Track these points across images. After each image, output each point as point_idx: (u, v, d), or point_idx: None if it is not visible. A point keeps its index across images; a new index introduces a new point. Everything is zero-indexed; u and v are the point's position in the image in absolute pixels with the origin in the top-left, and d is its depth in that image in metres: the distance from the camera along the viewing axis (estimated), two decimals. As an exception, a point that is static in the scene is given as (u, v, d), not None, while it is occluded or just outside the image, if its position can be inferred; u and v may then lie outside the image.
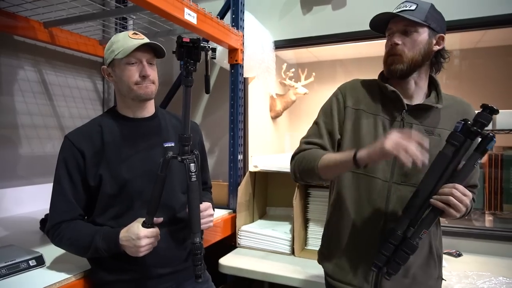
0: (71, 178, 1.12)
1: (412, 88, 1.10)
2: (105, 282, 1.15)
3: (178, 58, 0.94)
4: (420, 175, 1.01)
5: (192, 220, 1.02)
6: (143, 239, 1.03)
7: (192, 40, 0.92)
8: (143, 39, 1.15)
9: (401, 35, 1.05)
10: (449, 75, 2.77)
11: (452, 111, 1.10)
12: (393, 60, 1.06)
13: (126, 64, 1.13)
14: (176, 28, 2.17)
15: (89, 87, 2.56)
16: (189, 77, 0.96)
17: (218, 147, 2.52)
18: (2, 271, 1.11)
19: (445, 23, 1.10)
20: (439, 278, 1.14)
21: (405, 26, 1.04)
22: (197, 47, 0.93)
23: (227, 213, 2.08)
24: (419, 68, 1.07)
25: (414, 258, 1.04)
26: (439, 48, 1.08)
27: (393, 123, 1.09)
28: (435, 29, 1.05)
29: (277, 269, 1.72)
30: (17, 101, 2.08)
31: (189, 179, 1.01)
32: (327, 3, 2.19)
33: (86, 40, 2.32)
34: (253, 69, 2.23)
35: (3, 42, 2.00)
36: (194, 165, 1.01)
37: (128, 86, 1.15)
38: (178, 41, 0.93)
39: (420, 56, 1.05)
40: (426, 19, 1.03)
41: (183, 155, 1.02)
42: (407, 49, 1.04)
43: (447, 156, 0.94)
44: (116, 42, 1.14)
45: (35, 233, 1.64)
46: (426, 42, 1.05)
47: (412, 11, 1.03)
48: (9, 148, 2.04)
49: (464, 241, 1.88)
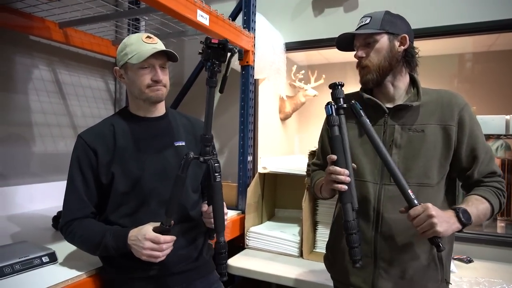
0: (84, 176, 1.14)
1: (392, 91, 1.16)
2: (116, 280, 1.16)
3: (204, 59, 0.94)
4: (414, 171, 1.09)
5: (217, 221, 1.03)
6: (147, 242, 1.02)
7: (220, 42, 0.93)
8: (157, 43, 1.16)
9: (364, 47, 1.14)
10: (461, 78, 2.74)
11: (435, 104, 1.13)
12: (363, 73, 1.15)
13: (139, 68, 1.15)
14: (188, 29, 2.19)
15: (101, 86, 2.60)
16: (213, 78, 0.97)
17: (227, 148, 2.53)
18: (16, 266, 1.13)
19: (407, 23, 1.16)
20: (442, 281, 1.12)
21: (364, 39, 1.14)
22: (224, 49, 0.93)
23: (236, 214, 2.09)
24: (391, 71, 1.13)
25: (412, 260, 1.08)
26: (405, 47, 1.13)
27: (377, 127, 1.15)
28: (394, 32, 1.12)
29: (285, 271, 1.72)
30: (31, 99, 2.12)
31: (213, 180, 1.01)
32: (339, 5, 2.18)
33: (99, 41, 2.35)
34: (264, 70, 2.24)
35: (19, 42, 2.05)
36: (218, 165, 1.02)
37: (140, 89, 1.17)
38: (206, 43, 0.93)
39: (386, 62, 1.12)
40: (381, 27, 1.11)
41: (205, 155, 1.02)
42: (372, 58, 1.12)
43: (338, 136, 1.05)
44: (130, 45, 1.15)
45: (48, 230, 1.66)
46: (388, 46, 1.12)
47: (367, 24, 1.13)
48: (22, 145, 2.08)
49: (474, 247, 1.85)
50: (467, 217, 1.00)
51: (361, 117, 1.07)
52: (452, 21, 1.91)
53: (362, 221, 1.12)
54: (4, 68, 1.99)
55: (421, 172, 1.09)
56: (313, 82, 2.65)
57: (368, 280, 1.12)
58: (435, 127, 1.10)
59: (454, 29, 1.92)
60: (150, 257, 1.04)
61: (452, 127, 1.09)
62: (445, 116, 1.10)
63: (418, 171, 1.09)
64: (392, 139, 1.11)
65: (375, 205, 1.12)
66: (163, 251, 1.05)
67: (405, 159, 1.10)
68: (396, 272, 1.09)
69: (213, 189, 1.01)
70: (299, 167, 2.09)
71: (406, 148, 1.10)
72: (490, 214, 1.07)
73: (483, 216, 1.06)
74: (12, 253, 1.18)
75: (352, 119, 1.16)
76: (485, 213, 1.06)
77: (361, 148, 1.16)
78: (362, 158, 1.15)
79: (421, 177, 1.09)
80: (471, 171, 1.11)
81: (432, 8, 1.97)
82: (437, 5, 1.96)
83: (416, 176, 1.09)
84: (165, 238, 1.04)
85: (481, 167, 1.10)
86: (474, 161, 1.10)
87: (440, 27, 1.94)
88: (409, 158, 1.10)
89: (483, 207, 1.05)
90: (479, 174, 1.10)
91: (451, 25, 1.91)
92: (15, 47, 2.03)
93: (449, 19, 1.92)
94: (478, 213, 1.04)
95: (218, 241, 1.02)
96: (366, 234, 1.12)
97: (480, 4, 1.86)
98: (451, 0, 1.92)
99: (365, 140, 1.13)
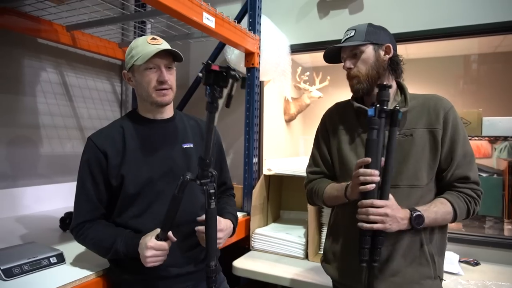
0: (94, 178, 1.16)
1: None
2: (123, 281, 1.17)
3: (204, 84, 0.89)
4: (405, 174, 1.12)
5: (209, 247, 1.00)
6: (149, 250, 1.04)
7: (222, 68, 0.88)
8: (161, 44, 1.17)
9: (351, 58, 1.20)
10: (467, 80, 2.73)
11: (421, 109, 1.17)
12: (352, 83, 1.20)
13: (145, 69, 1.16)
14: (194, 31, 2.20)
15: (107, 89, 2.62)
16: (214, 104, 0.92)
17: (232, 150, 2.53)
18: (25, 267, 1.14)
19: (389, 33, 1.21)
20: (436, 278, 1.15)
21: (351, 51, 1.19)
22: (226, 74, 0.88)
23: (241, 215, 2.09)
24: (378, 79, 1.18)
25: (402, 257, 1.12)
26: (390, 56, 1.18)
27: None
28: (378, 42, 1.17)
29: (290, 273, 1.72)
30: (39, 102, 2.14)
31: (207, 206, 0.98)
32: (344, 7, 2.19)
33: (106, 43, 2.37)
34: (269, 72, 2.24)
35: (27, 44, 2.07)
36: (214, 192, 0.98)
37: (147, 91, 1.18)
38: (206, 68, 0.88)
39: (373, 70, 1.17)
40: (365, 38, 1.16)
41: (203, 178, 0.98)
42: (360, 68, 1.17)
43: (375, 140, 1.05)
44: (136, 48, 1.17)
45: (55, 231, 1.68)
46: (374, 56, 1.17)
47: (352, 37, 1.18)
48: (30, 147, 2.10)
49: (481, 249, 1.84)
50: (418, 222, 1.06)
51: (396, 126, 1.06)
52: (458, 23, 1.91)
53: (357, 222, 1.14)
54: (13, 71, 2.02)
55: (411, 175, 1.13)
56: (318, 84, 2.65)
57: (364, 280, 1.15)
58: (423, 131, 1.14)
59: (460, 31, 1.92)
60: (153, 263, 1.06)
61: (438, 130, 1.13)
62: (432, 119, 1.14)
63: (408, 173, 1.13)
64: (383, 145, 1.13)
65: None
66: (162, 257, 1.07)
67: (395, 162, 1.11)
68: (389, 271, 1.13)
69: (207, 214, 0.98)
70: (305, 169, 2.09)
71: (397, 152, 1.11)
72: (452, 218, 1.12)
73: (442, 220, 1.12)
74: (21, 254, 1.19)
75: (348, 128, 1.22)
76: (445, 217, 1.11)
77: (353, 152, 1.20)
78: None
79: (411, 179, 1.13)
80: (445, 172, 1.14)
81: (438, 10, 1.96)
82: (442, 6, 1.95)
83: (407, 178, 1.13)
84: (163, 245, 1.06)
85: (456, 170, 1.13)
86: (450, 163, 1.13)
87: (446, 29, 1.94)
88: (400, 161, 1.13)
89: (444, 212, 1.10)
90: (452, 176, 1.13)
91: (457, 26, 1.91)
92: (24, 50, 2.06)
93: (455, 21, 1.91)
94: (436, 217, 1.09)
95: (208, 265, 0.99)
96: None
97: (486, 6, 1.86)
98: (457, 2, 1.92)
99: (358, 149, 1.19)
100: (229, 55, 2.24)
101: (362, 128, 1.20)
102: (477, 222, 2.17)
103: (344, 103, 1.32)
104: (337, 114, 1.31)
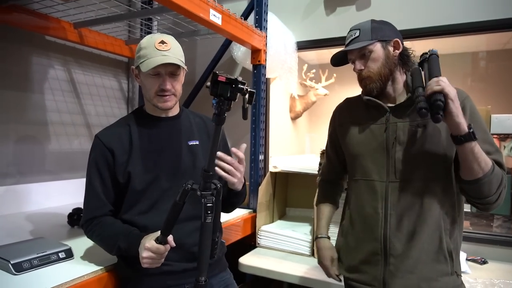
0: (101, 176, 1.17)
1: (392, 92, 1.18)
2: (131, 276, 1.18)
3: (211, 94, 0.85)
4: (409, 170, 1.10)
5: (199, 262, 0.94)
6: (145, 251, 1.04)
7: (229, 79, 0.84)
8: (168, 51, 1.15)
9: (360, 59, 1.16)
10: (475, 77, 2.70)
11: None
12: (365, 83, 1.17)
13: (148, 75, 1.16)
14: (200, 28, 2.20)
15: (114, 86, 2.63)
16: (221, 116, 0.87)
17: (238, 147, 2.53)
18: (34, 262, 1.15)
19: (393, 27, 1.19)
20: (452, 274, 1.11)
21: (359, 52, 1.16)
22: (234, 87, 0.84)
23: (248, 212, 2.10)
24: (391, 76, 1.16)
25: (421, 255, 1.09)
26: (400, 51, 1.16)
27: (379, 126, 1.17)
28: (385, 39, 1.14)
29: (296, 270, 1.73)
30: (47, 99, 2.16)
31: (203, 219, 0.93)
32: (351, 4, 2.17)
33: (113, 40, 2.38)
34: (276, 69, 2.24)
35: (35, 42, 2.09)
36: (212, 206, 0.93)
37: (150, 95, 1.19)
38: (212, 78, 0.84)
39: (385, 68, 1.14)
40: (372, 37, 1.13)
41: (204, 190, 0.94)
42: (371, 68, 1.14)
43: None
44: (144, 49, 1.16)
45: (63, 227, 1.70)
46: (383, 54, 1.14)
47: (358, 37, 1.15)
48: (38, 144, 2.12)
49: (489, 248, 1.83)
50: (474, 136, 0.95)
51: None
52: (467, 19, 1.88)
53: (371, 219, 1.15)
54: (21, 68, 2.03)
55: (427, 167, 1.10)
56: (324, 81, 2.64)
57: (379, 277, 1.13)
58: None
59: (468, 27, 1.89)
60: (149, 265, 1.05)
61: None
62: None
63: (423, 165, 1.10)
64: (395, 137, 1.13)
65: (382, 203, 1.14)
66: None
67: (409, 154, 1.10)
68: (406, 268, 1.10)
69: (201, 228, 0.94)
70: (310, 166, 2.09)
71: (410, 144, 1.10)
72: (490, 170, 1.00)
73: (483, 161, 0.99)
74: (30, 249, 1.21)
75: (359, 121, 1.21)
76: (486, 162, 0.99)
77: (364, 148, 1.19)
78: (368, 158, 1.17)
79: (426, 171, 1.10)
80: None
81: (446, 6, 1.94)
82: (451, 2, 1.93)
83: (422, 170, 1.10)
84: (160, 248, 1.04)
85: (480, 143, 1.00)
86: None
87: (454, 25, 1.92)
88: (414, 153, 1.10)
89: (486, 158, 1.00)
90: None
91: (466, 23, 1.89)
92: (32, 47, 2.08)
93: (463, 17, 1.89)
94: (483, 156, 0.98)
95: (197, 280, 0.92)
96: (375, 232, 1.14)
97: (495, 2, 1.83)
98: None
99: (369, 140, 1.17)
100: (236, 52, 2.24)
101: (374, 121, 1.18)
102: (484, 220, 2.15)
103: (354, 98, 1.31)
104: (347, 108, 1.31)
